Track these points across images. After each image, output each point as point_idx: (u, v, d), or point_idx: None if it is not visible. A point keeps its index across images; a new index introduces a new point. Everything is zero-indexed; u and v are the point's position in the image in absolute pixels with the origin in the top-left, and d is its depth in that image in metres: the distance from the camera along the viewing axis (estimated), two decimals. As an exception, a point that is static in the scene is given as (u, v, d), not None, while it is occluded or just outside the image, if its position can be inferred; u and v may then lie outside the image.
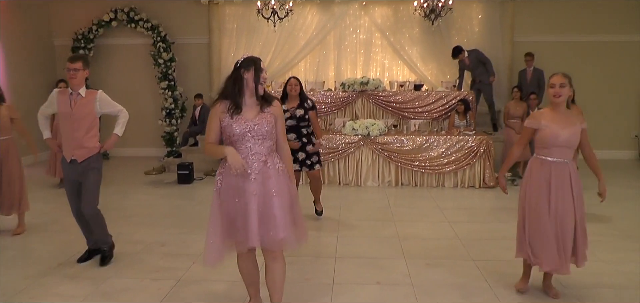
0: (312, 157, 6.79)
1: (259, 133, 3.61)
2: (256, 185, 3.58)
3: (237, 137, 3.60)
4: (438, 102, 10.70)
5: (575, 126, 4.28)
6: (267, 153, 3.68)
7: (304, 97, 6.78)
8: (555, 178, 4.30)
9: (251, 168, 3.60)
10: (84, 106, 5.29)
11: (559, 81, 4.30)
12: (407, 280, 4.95)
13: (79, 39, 12.83)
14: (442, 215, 7.36)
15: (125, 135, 13.16)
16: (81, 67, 5.28)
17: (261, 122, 3.62)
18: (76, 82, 5.26)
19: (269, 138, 3.68)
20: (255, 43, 12.78)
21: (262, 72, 3.65)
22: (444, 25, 12.13)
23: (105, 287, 4.91)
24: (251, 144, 3.61)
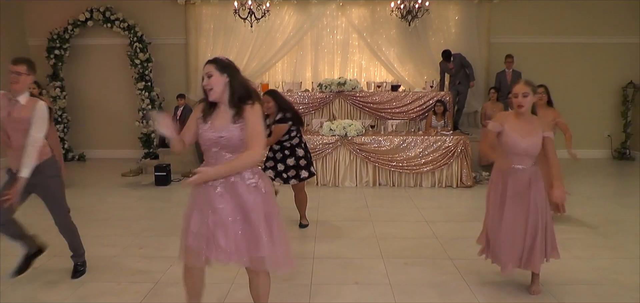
0: (289, 171, 6.59)
1: (228, 144, 3.33)
2: (224, 201, 3.35)
3: (205, 145, 3.41)
4: (415, 103, 10.75)
5: (536, 136, 4.31)
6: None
7: (282, 110, 6.47)
8: (512, 185, 4.38)
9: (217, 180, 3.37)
10: (22, 113, 4.66)
11: (522, 91, 4.32)
12: (385, 279, 4.97)
13: (54, 39, 12.69)
14: (420, 215, 7.41)
15: (101, 136, 13.27)
16: (25, 71, 4.75)
17: (232, 133, 3.31)
18: (18, 88, 4.69)
19: (240, 150, 3.35)
20: (232, 43, 12.75)
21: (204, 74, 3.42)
22: (421, 27, 12.22)
23: (82, 291, 4.87)
24: (220, 154, 3.36)
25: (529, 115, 4.38)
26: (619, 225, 6.93)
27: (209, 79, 3.33)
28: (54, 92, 12.67)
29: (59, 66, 12.79)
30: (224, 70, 3.36)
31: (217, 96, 3.35)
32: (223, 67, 3.37)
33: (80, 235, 6.03)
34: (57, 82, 12.79)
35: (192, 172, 3.26)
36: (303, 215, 6.96)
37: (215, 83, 3.33)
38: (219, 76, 3.34)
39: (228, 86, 3.35)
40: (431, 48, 12.51)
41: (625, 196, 8.80)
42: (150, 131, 12.71)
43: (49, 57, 12.69)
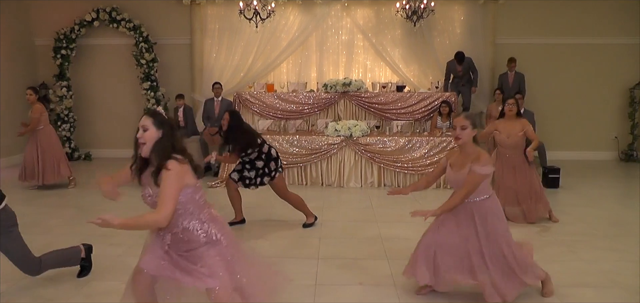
0: (253, 180, 6.81)
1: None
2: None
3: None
4: (420, 104, 10.71)
5: (465, 169, 4.31)
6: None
7: (232, 135, 6.70)
8: (456, 214, 4.49)
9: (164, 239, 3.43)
10: None
11: (460, 124, 4.33)
12: (390, 280, 4.96)
13: (61, 39, 12.73)
14: (425, 216, 7.38)
15: (107, 136, 13.29)
16: None
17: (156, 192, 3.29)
18: None
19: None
20: (237, 44, 12.76)
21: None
22: (426, 27, 12.18)
23: (87, 289, 4.89)
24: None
25: (469, 148, 4.36)
26: (625, 228, 6.91)
27: (144, 133, 3.27)
28: (60, 91, 12.70)
29: (65, 66, 12.82)
30: (160, 126, 3.29)
31: (146, 152, 3.31)
32: (160, 124, 3.29)
33: (86, 234, 6.07)
34: (64, 81, 12.81)
35: (99, 217, 3.22)
36: (306, 213, 7.02)
37: (149, 138, 3.27)
38: (155, 131, 3.28)
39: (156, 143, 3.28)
40: (436, 49, 12.50)
41: (631, 199, 8.75)
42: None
43: (56, 57, 12.72)
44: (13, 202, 7.59)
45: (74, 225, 7.34)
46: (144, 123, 3.25)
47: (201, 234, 3.33)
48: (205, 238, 3.33)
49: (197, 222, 3.33)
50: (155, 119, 3.27)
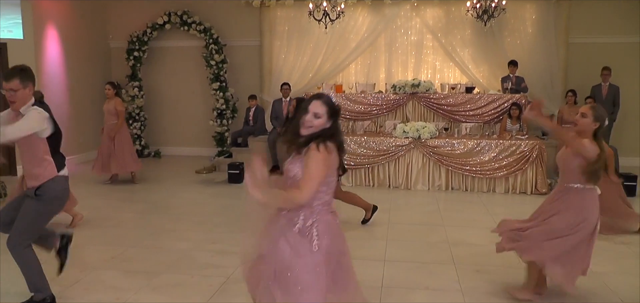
0: None
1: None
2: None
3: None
4: (490, 106, 10.57)
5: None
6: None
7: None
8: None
9: None
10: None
11: (582, 111, 4.30)
12: (456, 286, 4.95)
13: (134, 41, 13.26)
14: (493, 222, 7.22)
15: (176, 134, 13.72)
16: (19, 86, 4.19)
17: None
18: (17, 106, 4.23)
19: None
20: (306, 45, 12.89)
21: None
22: (497, 27, 11.92)
23: (157, 281, 5.09)
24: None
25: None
26: None
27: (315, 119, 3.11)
28: (132, 91, 13.20)
29: (137, 67, 13.34)
30: (332, 117, 3.16)
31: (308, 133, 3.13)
32: (333, 113, 3.16)
33: (156, 228, 6.29)
34: (136, 82, 13.33)
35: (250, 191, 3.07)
36: (364, 207, 7.05)
37: (318, 126, 3.12)
38: (326, 121, 3.13)
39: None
40: (506, 49, 12.19)
41: None
42: (224, 130, 13.04)
43: (129, 58, 13.25)
44: (87, 196, 7.99)
45: (145, 218, 7.63)
46: (317, 110, 3.11)
47: (308, 235, 3.12)
48: (309, 241, 3.11)
49: (311, 220, 3.13)
50: (330, 108, 3.14)
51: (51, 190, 4.30)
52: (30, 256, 4.35)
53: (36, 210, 4.30)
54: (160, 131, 13.93)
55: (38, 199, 4.26)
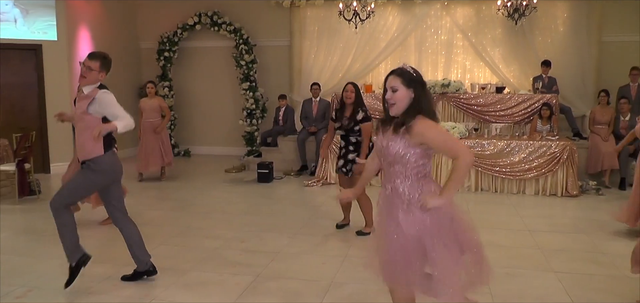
0: (348, 165, 6.56)
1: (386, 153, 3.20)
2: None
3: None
4: (520, 106, 10.47)
5: None
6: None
7: (357, 108, 6.51)
8: None
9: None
10: (81, 104, 4.73)
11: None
12: (486, 288, 4.90)
13: (164, 42, 13.45)
14: (523, 223, 7.25)
15: (206, 133, 13.92)
16: (98, 68, 4.68)
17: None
18: (86, 82, 4.70)
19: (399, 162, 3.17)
20: (335, 45, 12.91)
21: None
22: (528, 25, 11.78)
23: (186, 279, 5.18)
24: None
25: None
26: None
27: (393, 93, 3.14)
28: (162, 91, 13.38)
29: (167, 67, 13.53)
30: (410, 84, 3.15)
31: (397, 111, 3.15)
32: (410, 81, 3.15)
33: (186, 226, 6.38)
34: (166, 82, 13.54)
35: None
36: (368, 223, 6.63)
37: (399, 99, 3.14)
38: (405, 91, 3.14)
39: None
40: (537, 48, 12.05)
41: None
42: (253, 130, 13.14)
43: (159, 58, 13.46)
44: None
45: (174, 216, 7.75)
46: (392, 85, 3.14)
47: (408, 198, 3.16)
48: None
49: (417, 193, 3.15)
50: (403, 78, 3.15)
51: (101, 162, 4.73)
52: (67, 218, 4.77)
53: (84, 177, 4.78)
54: (190, 130, 14.10)
55: (87, 168, 4.72)
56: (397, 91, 3.11)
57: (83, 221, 6.49)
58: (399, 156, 3.12)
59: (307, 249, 6.15)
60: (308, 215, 7.80)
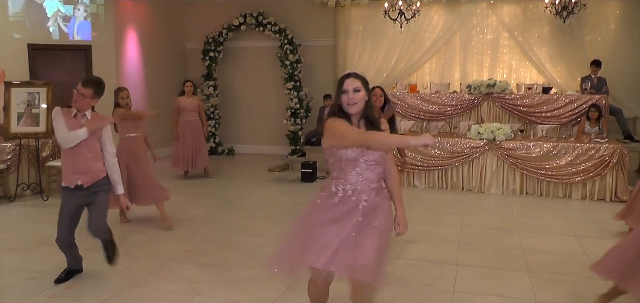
0: None
1: (370, 157, 3.38)
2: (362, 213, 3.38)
3: (347, 160, 3.40)
4: (567, 107, 10.25)
5: None
6: (378, 180, 3.48)
7: (388, 101, 6.60)
8: None
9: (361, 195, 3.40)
10: (93, 129, 4.82)
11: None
12: (531, 295, 4.86)
13: (210, 42, 13.64)
14: (569, 228, 7.11)
15: (250, 132, 14.09)
16: (90, 96, 4.80)
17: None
18: (80, 107, 4.78)
19: (380, 163, 3.43)
20: (380, 45, 12.89)
21: None
22: (576, 24, 11.49)
23: (229, 275, 5.24)
24: (361, 169, 3.39)
25: None
26: None
27: (356, 93, 3.33)
28: (207, 90, 13.57)
29: (212, 67, 13.71)
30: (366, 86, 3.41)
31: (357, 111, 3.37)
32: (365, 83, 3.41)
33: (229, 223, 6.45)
34: (211, 81, 13.71)
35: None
36: None
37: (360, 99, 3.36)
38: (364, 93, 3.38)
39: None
40: (586, 47, 11.74)
41: None
42: (297, 129, 13.19)
43: (204, 58, 13.66)
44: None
45: (218, 214, 7.84)
46: (355, 85, 3.35)
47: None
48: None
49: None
50: (362, 80, 3.41)
51: (108, 181, 4.94)
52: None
53: (106, 198, 4.96)
54: (234, 129, 14.25)
55: (103, 191, 4.89)
56: (360, 91, 3.35)
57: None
58: (381, 157, 3.42)
59: (350, 248, 6.14)
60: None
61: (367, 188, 3.40)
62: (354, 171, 3.39)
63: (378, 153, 3.36)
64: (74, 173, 4.74)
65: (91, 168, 4.78)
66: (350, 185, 3.40)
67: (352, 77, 3.38)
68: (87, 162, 4.76)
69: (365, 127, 3.40)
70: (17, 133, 8.77)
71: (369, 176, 3.40)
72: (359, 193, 3.39)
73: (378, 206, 3.41)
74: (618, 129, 10.89)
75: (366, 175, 3.39)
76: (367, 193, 3.40)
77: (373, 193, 3.41)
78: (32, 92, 8.94)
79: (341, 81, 3.41)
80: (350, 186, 3.40)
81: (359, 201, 3.38)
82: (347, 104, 3.34)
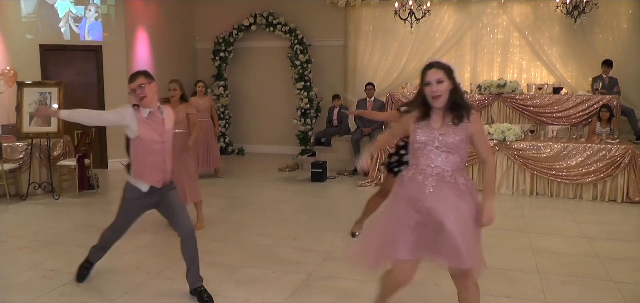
0: (402, 166, 5.95)
1: (443, 143, 3.35)
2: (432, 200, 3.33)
3: (417, 146, 3.42)
4: (578, 107, 10.18)
5: None
6: (452, 168, 3.39)
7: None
8: None
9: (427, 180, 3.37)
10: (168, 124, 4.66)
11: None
12: (541, 296, 4.83)
13: (220, 43, 13.69)
14: (579, 229, 7.07)
15: (260, 132, 14.13)
16: (146, 82, 4.52)
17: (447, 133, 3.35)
18: (149, 100, 4.50)
19: (452, 151, 3.36)
20: (390, 44, 12.87)
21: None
22: (588, 23, 11.43)
23: (238, 275, 5.26)
24: (433, 155, 3.37)
25: None
26: None
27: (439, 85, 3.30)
28: (217, 90, 13.62)
29: (223, 67, 13.76)
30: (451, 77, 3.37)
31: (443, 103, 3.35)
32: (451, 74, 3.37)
33: (239, 223, 6.45)
34: (221, 81, 13.76)
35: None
36: (361, 223, 6.49)
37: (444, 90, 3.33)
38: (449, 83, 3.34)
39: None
40: (598, 47, 11.67)
41: None
42: (307, 129, 13.20)
43: (214, 59, 13.71)
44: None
45: (227, 213, 7.86)
46: (438, 76, 3.31)
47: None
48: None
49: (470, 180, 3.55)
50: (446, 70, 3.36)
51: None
52: None
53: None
54: (244, 129, 14.28)
55: (174, 189, 4.73)
56: (443, 82, 3.30)
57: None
58: (455, 145, 3.33)
59: (361, 249, 6.13)
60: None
61: (437, 176, 3.37)
62: (423, 157, 3.39)
63: (450, 139, 3.32)
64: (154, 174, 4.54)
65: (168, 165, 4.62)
66: (420, 170, 3.40)
67: (435, 68, 3.34)
68: (169, 160, 4.64)
69: (452, 116, 3.36)
70: (28, 132, 8.86)
71: (440, 164, 3.37)
72: (426, 178, 3.37)
73: (450, 193, 3.35)
74: (630, 129, 10.81)
75: (437, 163, 3.37)
76: (436, 179, 3.36)
77: (443, 181, 3.36)
78: (43, 92, 9.04)
79: (424, 71, 3.37)
80: (420, 172, 3.40)
81: (425, 187, 3.36)
82: (431, 97, 3.32)
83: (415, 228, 3.37)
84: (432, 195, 3.33)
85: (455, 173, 3.38)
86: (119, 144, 11.14)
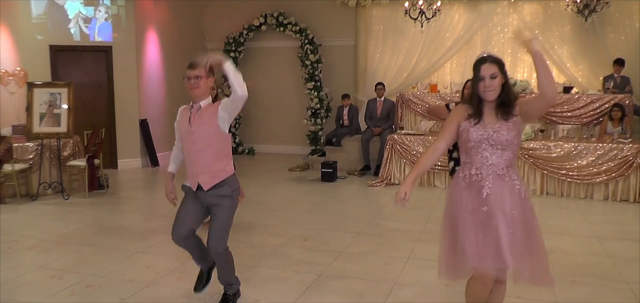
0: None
1: (497, 141, 3.31)
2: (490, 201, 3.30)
3: (472, 144, 3.38)
4: (589, 107, 10.12)
5: None
6: (505, 165, 3.37)
7: None
8: None
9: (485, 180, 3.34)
10: (205, 119, 4.36)
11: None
12: (551, 297, 4.79)
13: (230, 43, 13.70)
14: (590, 230, 7.02)
15: (270, 132, 14.12)
16: (203, 75, 4.38)
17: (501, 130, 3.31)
18: (198, 93, 4.37)
19: (506, 148, 3.34)
20: (401, 44, 12.84)
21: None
22: (599, 22, 11.33)
23: (248, 274, 5.25)
24: (487, 153, 3.35)
25: None
26: None
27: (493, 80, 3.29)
28: (227, 90, 13.58)
29: (233, 67, 13.71)
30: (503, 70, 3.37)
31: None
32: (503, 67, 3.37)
33: (249, 223, 6.46)
34: (231, 82, 13.71)
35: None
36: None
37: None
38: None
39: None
40: (609, 46, 11.55)
41: None
42: (318, 129, 13.20)
43: (225, 59, 13.64)
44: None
45: (238, 213, 7.77)
46: (493, 71, 3.30)
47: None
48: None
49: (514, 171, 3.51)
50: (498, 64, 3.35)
51: (234, 183, 4.38)
52: (230, 256, 4.45)
53: (230, 207, 4.32)
54: (255, 129, 14.29)
55: (227, 197, 4.27)
56: (496, 78, 3.29)
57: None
58: (508, 142, 3.32)
59: (371, 249, 6.16)
60: (371, 215, 7.80)
61: (493, 174, 3.34)
62: (478, 155, 3.36)
63: (504, 136, 3.30)
64: (193, 173, 4.27)
65: (211, 166, 4.27)
66: (475, 169, 3.37)
67: (489, 62, 3.32)
68: (208, 161, 4.29)
69: (501, 113, 3.33)
70: (39, 132, 8.91)
71: (495, 161, 3.34)
72: (482, 178, 3.34)
73: (506, 194, 3.33)
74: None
75: (492, 160, 3.34)
76: (492, 179, 3.33)
77: (499, 179, 3.33)
78: (53, 92, 9.09)
79: (477, 65, 3.34)
80: (475, 171, 3.37)
81: (482, 188, 3.33)
82: (484, 92, 3.30)
83: (477, 233, 3.34)
84: (489, 197, 3.30)
85: (509, 170, 3.36)
86: (128, 144, 11.30)
